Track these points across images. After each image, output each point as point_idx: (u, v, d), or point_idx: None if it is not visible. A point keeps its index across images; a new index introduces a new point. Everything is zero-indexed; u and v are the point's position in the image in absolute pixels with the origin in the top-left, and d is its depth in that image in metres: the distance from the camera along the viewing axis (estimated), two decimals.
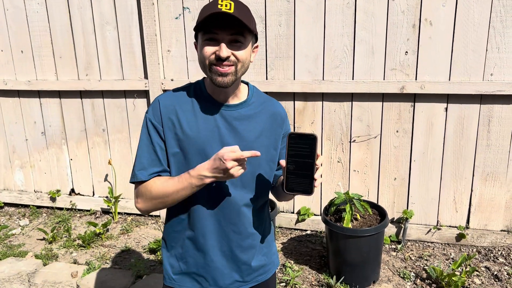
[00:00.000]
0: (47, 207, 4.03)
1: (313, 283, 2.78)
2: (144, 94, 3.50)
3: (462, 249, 3.07)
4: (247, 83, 1.50)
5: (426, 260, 2.97)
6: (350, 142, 3.17)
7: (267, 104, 1.49)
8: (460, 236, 3.07)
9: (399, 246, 3.11)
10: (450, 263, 2.91)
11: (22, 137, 3.93)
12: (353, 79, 3.04)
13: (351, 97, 3.09)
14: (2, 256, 3.23)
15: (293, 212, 3.44)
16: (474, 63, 2.82)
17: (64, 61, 3.61)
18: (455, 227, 3.12)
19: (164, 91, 3.43)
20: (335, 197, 2.72)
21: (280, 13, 3.05)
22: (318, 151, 1.23)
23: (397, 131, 3.07)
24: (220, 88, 1.36)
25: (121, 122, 3.64)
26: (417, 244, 3.16)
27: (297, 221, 3.41)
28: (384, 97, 3.03)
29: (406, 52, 2.91)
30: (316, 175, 1.24)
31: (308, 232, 3.40)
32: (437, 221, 3.15)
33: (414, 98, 2.98)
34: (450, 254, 3.03)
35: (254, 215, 1.47)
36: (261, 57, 3.16)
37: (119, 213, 3.86)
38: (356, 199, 2.68)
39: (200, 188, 1.32)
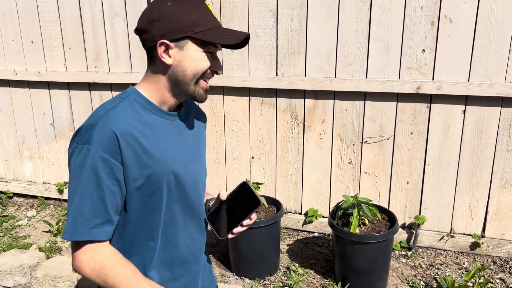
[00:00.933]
0: (55, 199, 4.03)
1: None
2: None
3: (476, 259, 2.93)
4: None
5: (437, 268, 2.84)
6: (362, 143, 3.05)
7: (189, 104, 1.39)
8: (474, 245, 2.93)
9: (409, 253, 2.99)
10: (462, 273, 2.78)
11: (31, 128, 3.92)
12: (366, 77, 2.91)
13: (364, 96, 2.96)
14: (7, 247, 3.23)
15: (300, 213, 3.34)
16: (496, 64, 2.66)
17: (74, 52, 3.58)
18: (470, 235, 2.98)
19: None
20: (342, 201, 2.61)
21: (292, 7, 2.94)
22: (254, 215, 1.23)
23: (411, 133, 2.93)
24: (174, 100, 1.21)
25: None
26: (428, 252, 3.03)
27: (305, 223, 3.31)
28: (398, 97, 2.90)
29: (423, 50, 2.76)
30: (235, 230, 1.22)
31: (316, 234, 3.30)
32: (451, 228, 3.01)
33: (430, 99, 2.84)
34: (463, 263, 2.89)
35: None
36: (272, 53, 3.06)
37: None
38: (365, 203, 2.57)
39: None
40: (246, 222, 1.22)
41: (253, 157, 3.34)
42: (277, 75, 3.09)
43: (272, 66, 3.09)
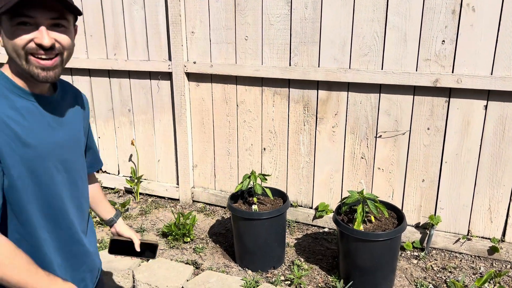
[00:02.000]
0: None
1: (319, 284, 2.62)
2: (168, 76, 3.45)
3: (494, 264, 2.76)
4: None
5: (450, 272, 2.70)
6: (376, 137, 2.93)
7: (70, 88, 1.35)
8: (493, 250, 2.76)
9: (422, 254, 2.85)
10: (477, 278, 2.62)
11: None
12: (382, 69, 2.78)
13: (379, 88, 2.84)
14: None
15: (311, 208, 3.27)
16: None
17: (94, 40, 3.64)
18: (488, 238, 2.81)
19: (187, 74, 3.36)
20: (348, 196, 2.52)
21: None
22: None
23: (428, 128, 2.78)
24: (32, 81, 1.13)
25: (146, 104, 3.62)
26: (442, 254, 2.88)
27: (315, 217, 3.23)
28: (415, 90, 2.75)
29: (443, 41, 2.61)
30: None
31: (326, 230, 3.22)
32: (468, 230, 2.84)
33: (449, 93, 2.68)
34: (479, 268, 2.73)
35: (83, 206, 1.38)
36: (285, 42, 2.98)
37: (140, 193, 3.88)
38: (371, 199, 2.46)
39: None
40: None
41: (264, 149, 3.28)
42: (290, 65, 3.01)
43: (286, 56, 3.01)
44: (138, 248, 1.61)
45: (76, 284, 1.31)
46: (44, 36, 1.04)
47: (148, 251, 1.63)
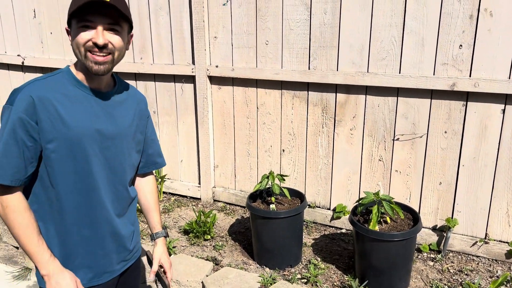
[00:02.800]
0: None
1: (335, 283, 2.68)
2: (191, 79, 3.58)
3: (511, 268, 2.76)
4: None
5: (466, 274, 2.71)
6: (393, 140, 2.97)
7: (131, 90, 1.54)
8: (510, 253, 2.76)
9: (438, 256, 2.88)
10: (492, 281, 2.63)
11: None
12: (399, 72, 2.83)
13: (397, 92, 2.88)
14: None
15: (329, 209, 3.33)
16: None
17: None
18: (506, 242, 2.81)
19: (209, 77, 3.48)
20: (364, 197, 2.58)
21: (326, 0, 2.92)
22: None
23: (445, 132, 2.81)
24: (94, 76, 1.35)
25: (170, 106, 3.76)
26: (459, 256, 2.89)
27: (332, 218, 3.29)
28: (432, 94, 2.79)
29: (461, 45, 2.64)
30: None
31: (343, 231, 3.27)
32: (486, 233, 2.85)
33: (466, 96, 2.70)
34: (496, 271, 2.73)
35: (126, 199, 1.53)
36: (304, 46, 3.06)
37: (164, 192, 4.01)
38: (387, 200, 2.51)
39: (37, 269, 1.33)
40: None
41: (283, 150, 3.37)
42: (309, 69, 3.09)
43: (305, 60, 3.09)
44: (150, 276, 1.63)
45: (98, 260, 1.45)
46: (100, 36, 1.26)
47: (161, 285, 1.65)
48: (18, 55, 4.36)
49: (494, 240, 2.83)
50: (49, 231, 1.38)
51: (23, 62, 4.33)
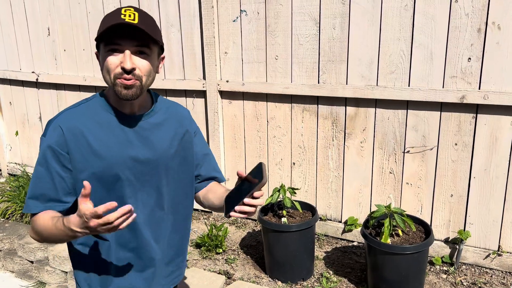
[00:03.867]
0: None
1: None
2: (202, 94, 3.63)
3: None
4: (148, 91, 1.46)
5: (479, 287, 2.70)
6: (404, 152, 2.99)
7: (171, 109, 1.48)
8: None
9: (451, 269, 2.87)
10: None
11: None
12: (409, 85, 2.85)
13: (406, 104, 2.91)
14: None
15: (340, 221, 3.33)
16: None
17: None
18: None
19: (220, 92, 3.53)
20: (375, 210, 2.59)
21: (335, 15, 2.97)
22: (258, 193, 1.18)
23: (455, 144, 2.82)
24: (122, 101, 1.31)
25: None
26: (472, 269, 2.88)
27: (344, 231, 3.29)
28: (442, 107, 2.81)
29: (469, 58, 2.66)
30: (237, 208, 1.18)
31: (355, 243, 3.27)
32: (499, 246, 2.84)
33: (476, 109, 2.72)
34: (510, 284, 2.71)
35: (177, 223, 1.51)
36: (314, 61, 3.10)
37: None
38: (398, 213, 2.52)
39: (79, 237, 1.22)
40: (248, 200, 1.17)
41: (294, 163, 3.39)
42: (318, 83, 3.13)
43: (314, 74, 3.13)
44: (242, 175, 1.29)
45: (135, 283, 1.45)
46: (127, 60, 1.21)
47: (256, 176, 1.21)
48: (33, 72, 4.46)
49: (508, 252, 2.81)
50: (86, 253, 1.40)
51: (37, 79, 4.42)
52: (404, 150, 2.99)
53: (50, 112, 4.52)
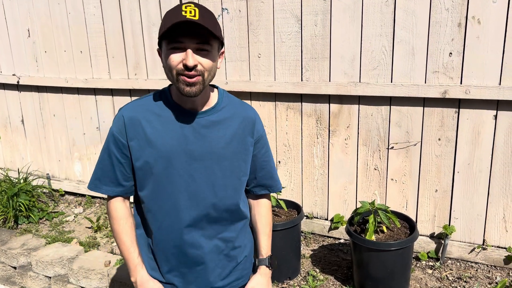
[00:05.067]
0: (100, 198, 4.31)
1: None
2: None
3: (510, 273, 2.75)
4: (217, 87, 1.48)
5: (465, 282, 2.70)
6: (388, 148, 2.98)
7: (238, 109, 1.47)
8: (508, 259, 2.76)
9: (437, 264, 2.87)
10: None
11: (80, 131, 4.23)
12: (391, 81, 2.85)
13: (389, 101, 2.90)
14: (52, 240, 3.51)
15: (326, 219, 3.32)
16: None
17: (116, 61, 3.83)
18: (504, 248, 2.80)
19: None
20: (360, 207, 2.58)
21: (316, 12, 2.95)
22: None
23: (439, 139, 2.82)
24: (184, 97, 1.34)
25: None
26: (458, 264, 2.89)
27: (330, 229, 3.28)
28: (425, 102, 2.81)
29: (450, 53, 2.66)
30: None
31: (342, 241, 3.26)
32: (483, 240, 2.85)
33: (458, 103, 2.72)
34: (495, 277, 2.72)
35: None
36: (296, 58, 3.09)
37: None
38: (383, 209, 2.52)
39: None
40: None
41: (279, 162, 3.37)
42: (302, 80, 3.11)
43: (297, 72, 3.12)
44: None
45: (185, 275, 1.47)
46: (189, 57, 1.24)
47: None
48: (13, 75, 4.39)
49: (492, 246, 2.82)
50: (141, 240, 1.49)
51: (18, 81, 4.35)
52: (388, 146, 2.98)
53: (32, 115, 4.45)
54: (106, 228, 3.71)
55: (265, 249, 1.56)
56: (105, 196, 1.86)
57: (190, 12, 1.23)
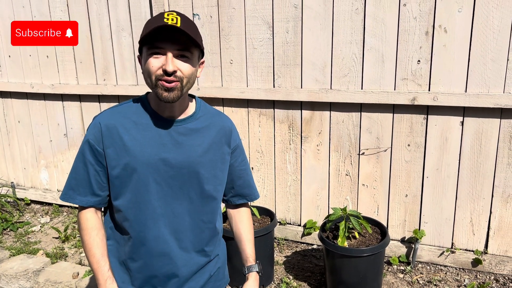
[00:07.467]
0: (68, 207, 4.18)
1: None
2: None
3: (478, 276, 2.82)
4: (194, 97, 1.46)
5: (435, 285, 2.75)
6: (359, 154, 3.01)
7: (215, 118, 1.46)
8: (476, 262, 2.82)
9: (408, 268, 2.91)
10: None
11: (47, 138, 4.10)
12: (362, 88, 2.88)
13: (360, 107, 2.93)
14: (17, 252, 3.38)
15: (299, 225, 3.33)
16: (494, 74, 2.58)
17: (84, 66, 3.73)
18: (472, 251, 2.87)
19: None
20: (332, 213, 2.59)
21: (288, 19, 2.96)
22: None
23: (408, 145, 2.87)
24: (165, 103, 1.31)
25: None
26: (428, 267, 2.94)
27: (303, 235, 3.29)
28: (394, 109, 2.85)
29: (419, 61, 2.72)
30: None
31: (314, 246, 3.27)
32: (452, 243, 2.91)
33: (427, 110, 2.78)
34: (464, 280, 2.78)
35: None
36: (268, 65, 3.08)
37: None
38: (354, 216, 2.53)
39: None
40: None
41: (252, 168, 3.36)
42: (274, 87, 3.11)
43: (269, 78, 3.11)
44: None
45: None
46: (169, 63, 1.24)
47: None
48: None
49: (460, 249, 2.89)
50: (112, 252, 1.44)
51: None
52: (359, 152, 3.01)
53: None
54: (75, 238, 3.60)
55: (252, 255, 1.55)
56: (74, 205, 1.81)
57: (172, 19, 1.24)
